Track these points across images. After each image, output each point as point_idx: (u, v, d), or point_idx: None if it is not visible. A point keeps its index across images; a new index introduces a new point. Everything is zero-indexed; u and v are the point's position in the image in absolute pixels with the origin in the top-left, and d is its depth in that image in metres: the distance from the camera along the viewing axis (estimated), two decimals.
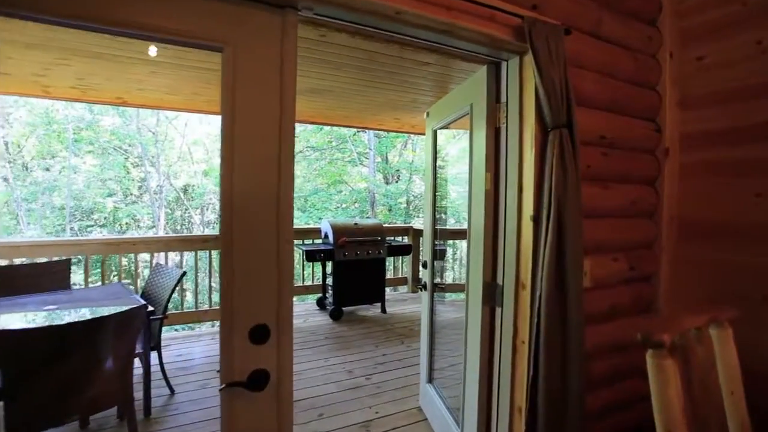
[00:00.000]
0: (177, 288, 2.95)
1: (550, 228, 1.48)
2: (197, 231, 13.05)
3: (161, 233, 12.57)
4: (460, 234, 6.57)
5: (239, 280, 1.19)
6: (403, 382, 3.16)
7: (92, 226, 12.95)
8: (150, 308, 2.58)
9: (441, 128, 2.43)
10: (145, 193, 13.28)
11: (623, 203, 1.92)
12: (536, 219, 1.56)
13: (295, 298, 6.40)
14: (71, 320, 2.06)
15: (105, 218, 13.05)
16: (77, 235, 11.99)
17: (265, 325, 1.22)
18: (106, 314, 1.74)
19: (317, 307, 5.20)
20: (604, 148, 1.84)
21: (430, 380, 2.59)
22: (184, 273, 2.96)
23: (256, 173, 1.20)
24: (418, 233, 6.09)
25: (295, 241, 5.44)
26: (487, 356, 1.79)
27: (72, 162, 11.96)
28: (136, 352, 2.23)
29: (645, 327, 0.88)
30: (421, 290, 2.59)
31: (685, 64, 2.01)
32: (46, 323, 2.16)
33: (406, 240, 6.08)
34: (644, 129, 2.01)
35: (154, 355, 2.80)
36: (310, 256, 4.63)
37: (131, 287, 4.04)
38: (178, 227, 13.48)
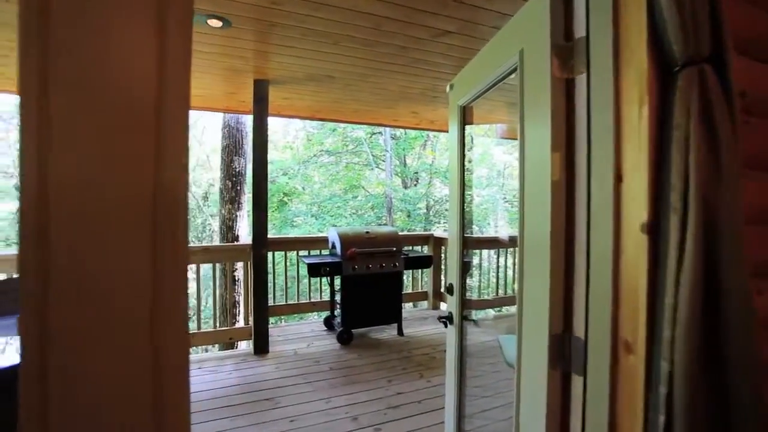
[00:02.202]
0: None
1: (688, 246, 0.80)
2: (216, 239, 12.98)
3: None
4: (489, 243, 5.83)
5: (68, 373, 0.56)
6: None
7: None
8: None
9: (471, 102, 1.77)
10: None
11: None
12: (653, 229, 0.88)
13: (316, 315, 5.77)
14: None
15: None
16: None
17: None
18: None
19: (325, 328, 4.57)
20: (743, 114, 1.14)
21: None
22: None
23: (103, 153, 0.57)
24: (439, 242, 5.41)
25: (301, 253, 4.83)
26: None
27: None
28: None
29: None
30: (446, 324, 1.91)
31: None
32: None
33: (426, 250, 5.40)
34: None
35: None
36: (314, 270, 4.00)
37: None
38: (200, 234, 13.32)
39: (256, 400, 2.91)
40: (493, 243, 5.80)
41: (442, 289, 5.47)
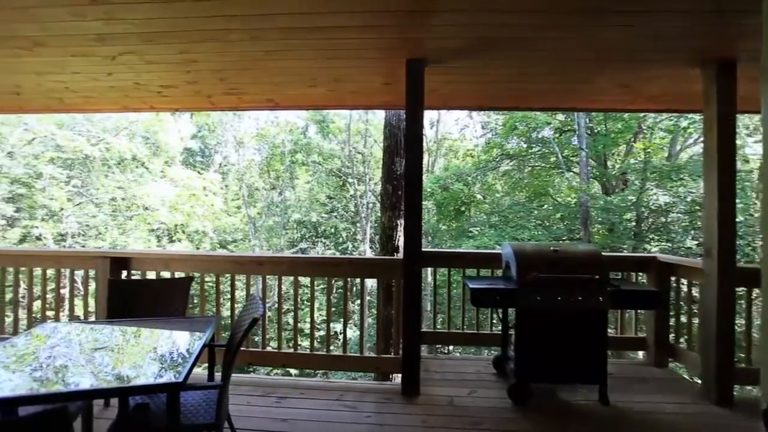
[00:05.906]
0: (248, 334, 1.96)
1: None
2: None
3: (367, 249, 13.08)
4: None
5: None
6: None
7: (318, 237, 14.63)
8: (175, 379, 1.64)
9: None
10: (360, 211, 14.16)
11: None
12: None
13: (497, 350, 4.75)
14: None
15: (324, 231, 14.59)
16: (293, 250, 13.62)
17: None
18: None
19: (494, 370, 3.56)
20: None
21: None
22: (255, 321, 1.95)
23: None
24: (667, 270, 3.69)
25: (468, 272, 3.93)
26: None
27: (292, 182, 13.75)
28: None
29: None
30: None
31: None
32: None
33: (643, 280, 3.78)
34: None
35: None
36: (480, 297, 3.07)
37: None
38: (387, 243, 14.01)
39: None
40: None
41: (672, 337, 3.71)
